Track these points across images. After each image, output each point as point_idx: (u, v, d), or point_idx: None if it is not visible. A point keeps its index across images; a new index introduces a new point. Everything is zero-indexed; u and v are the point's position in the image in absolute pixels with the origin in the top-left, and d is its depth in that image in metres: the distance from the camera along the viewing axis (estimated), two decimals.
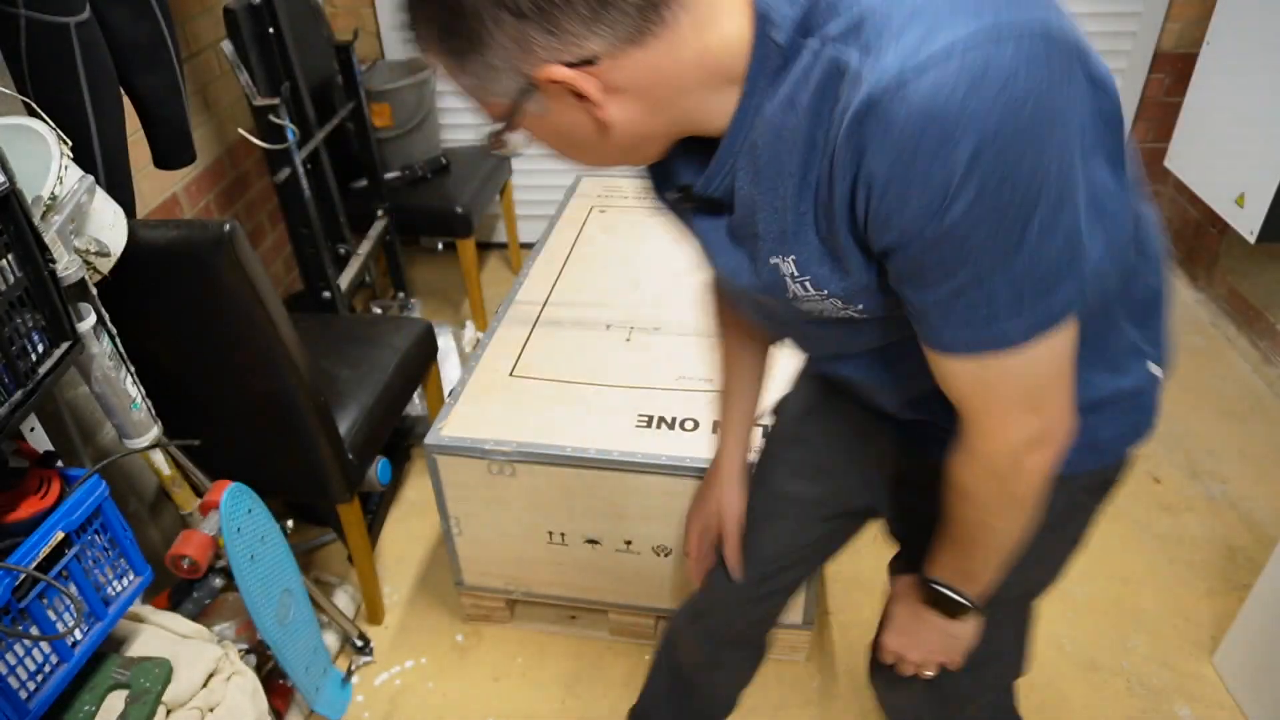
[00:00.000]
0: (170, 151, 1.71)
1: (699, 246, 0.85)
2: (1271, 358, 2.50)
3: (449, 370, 2.55)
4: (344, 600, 1.87)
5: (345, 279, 2.33)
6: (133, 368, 1.32)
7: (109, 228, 1.26)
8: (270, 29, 2.01)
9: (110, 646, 1.27)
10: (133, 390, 1.31)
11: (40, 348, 1.12)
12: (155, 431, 1.37)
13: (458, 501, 1.66)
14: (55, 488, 1.17)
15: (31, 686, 1.08)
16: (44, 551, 1.07)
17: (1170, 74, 2.80)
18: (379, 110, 2.60)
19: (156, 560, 1.47)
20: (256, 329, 1.43)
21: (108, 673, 1.20)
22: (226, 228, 1.31)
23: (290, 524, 1.52)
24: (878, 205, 0.62)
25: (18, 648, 1.06)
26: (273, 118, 2.00)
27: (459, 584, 1.81)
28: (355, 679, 1.77)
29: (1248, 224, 2.22)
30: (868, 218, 0.64)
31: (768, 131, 0.68)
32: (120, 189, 1.52)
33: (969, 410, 0.75)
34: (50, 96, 1.38)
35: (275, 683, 1.61)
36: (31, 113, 1.28)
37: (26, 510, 1.12)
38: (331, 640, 1.76)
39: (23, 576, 1.04)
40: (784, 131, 0.66)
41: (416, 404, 2.34)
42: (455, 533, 1.71)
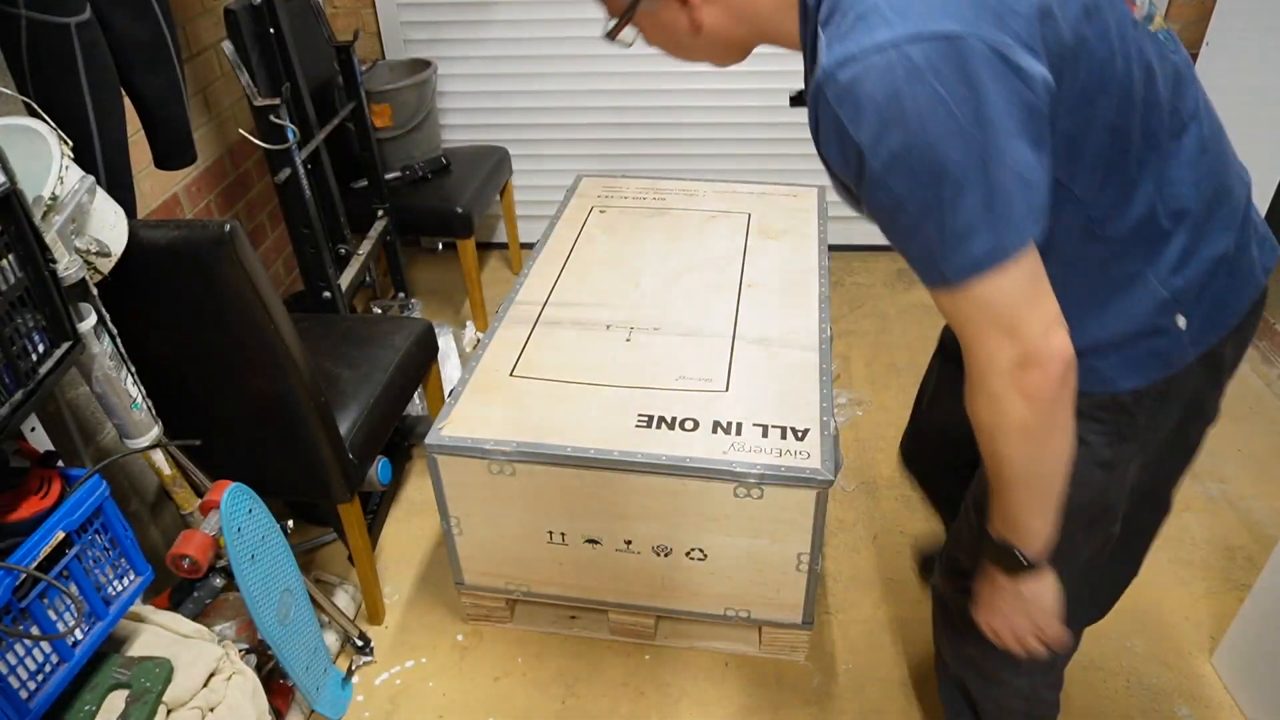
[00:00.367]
0: (171, 152, 1.71)
1: None
2: (1271, 358, 2.50)
3: (449, 370, 2.55)
4: (344, 600, 1.87)
5: (345, 279, 2.33)
6: (133, 368, 1.32)
7: (110, 228, 1.26)
8: (271, 29, 2.01)
9: (111, 646, 1.27)
10: (133, 390, 1.31)
11: (41, 348, 1.13)
12: (156, 431, 1.37)
13: (458, 501, 1.66)
14: (56, 488, 1.17)
15: (32, 686, 1.08)
16: (44, 551, 1.08)
17: None
18: (379, 110, 2.60)
19: (157, 560, 1.48)
20: (257, 329, 1.44)
21: (108, 672, 1.20)
22: (227, 228, 1.32)
23: (290, 524, 1.52)
24: (824, 152, 0.84)
25: (18, 647, 1.06)
26: (273, 118, 2.00)
27: (459, 584, 1.81)
28: (355, 679, 1.78)
29: None
30: (829, 161, 0.85)
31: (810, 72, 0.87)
32: (121, 189, 1.53)
33: (962, 341, 0.85)
34: (51, 96, 1.38)
35: (275, 682, 1.62)
36: (32, 113, 1.28)
37: (27, 510, 1.13)
38: (332, 640, 1.76)
39: (23, 576, 1.05)
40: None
41: (417, 404, 2.34)
42: (455, 533, 1.71)
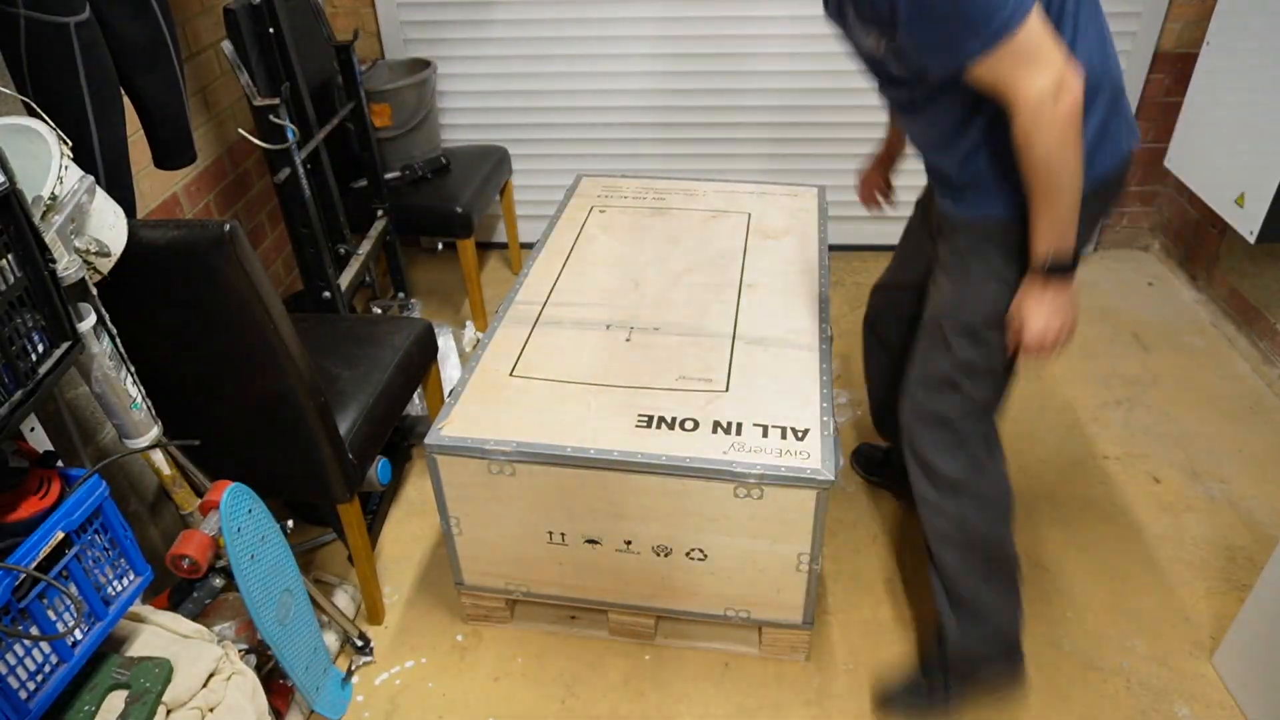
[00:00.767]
0: (170, 151, 1.71)
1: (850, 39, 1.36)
2: (1271, 358, 2.50)
3: (449, 370, 2.55)
4: (344, 600, 1.87)
5: (345, 279, 2.33)
6: (133, 368, 1.32)
7: (109, 228, 1.26)
8: (270, 29, 2.01)
9: (110, 646, 1.27)
10: (133, 390, 1.31)
11: (40, 348, 1.13)
12: (155, 431, 1.37)
13: (458, 501, 1.66)
14: (55, 488, 1.17)
15: (31, 686, 1.08)
16: (44, 551, 1.08)
17: (1170, 74, 2.80)
18: (379, 110, 2.60)
19: (157, 560, 1.48)
20: (257, 329, 1.43)
21: (108, 673, 1.20)
22: (227, 228, 1.32)
23: (290, 524, 1.52)
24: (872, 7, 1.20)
25: (18, 648, 1.06)
26: (273, 118, 2.00)
27: (459, 584, 1.81)
28: (355, 679, 1.78)
29: (1248, 224, 2.22)
30: (877, 10, 1.19)
31: None
32: (120, 189, 1.53)
33: (1007, 95, 1.16)
34: (50, 96, 1.38)
35: (275, 683, 1.62)
36: (31, 113, 1.28)
37: (27, 510, 1.13)
38: (331, 640, 1.76)
39: (23, 576, 1.05)
40: None
41: (416, 404, 2.34)
42: (455, 533, 1.71)
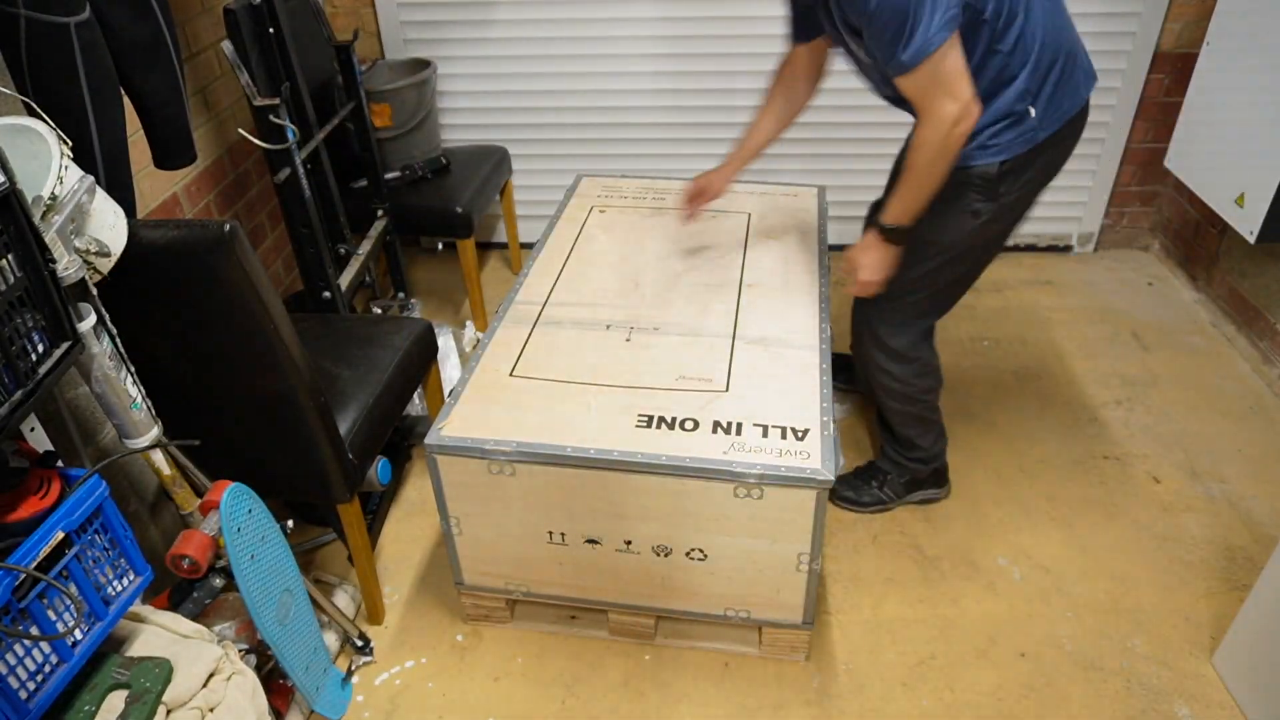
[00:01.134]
0: (170, 151, 1.71)
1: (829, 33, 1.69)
2: (1271, 358, 2.50)
3: (449, 370, 2.55)
4: (344, 600, 1.87)
5: (345, 279, 2.33)
6: (133, 368, 1.32)
7: (109, 228, 1.26)
8: (270, 29, 2.01)
9: (110, 646, 1.27)
10: (133, 390, 1.31)
11: (40, 348, 1.13)
12: (155, 431, 1.37)
13: (458, 501, 1.66)
14: (55, 488, 1.17)
15: (31, 686, 1.08)
16: (44, 551, 1.08)
17: (1170, 74, 2.80)
18: (379, 110, 2.60)
19: (157, 560, 1.47)
20: (257, 329, 1.44)
21: (108, 672, 1.20)
22: (227, 228, 1.32)
23: (290, 524, 1.52)
24: (849, 15, 1.49)
25: (18, 648, 1.06)
26: (273, 118, 2.00)
27: (459, 584, 1.81)
28: (355, 679, 1.78)
29: (1247, 224, 2.22)
30: (849, 23, 1.51)
31: None
32: (121, 189, 1.53)
33: (920, 106, 1.49)
34: (50, 96, 1.38)
35: (275, 683, 1.62)
36: (32, 113, 1.28)
37: (27, 510, 1.13)
38: (331, 640, 1.76)
39: (23, 576, 1.05)
40: None
41: (416, 404, 2.34)
42: (455, 533, 1.71)
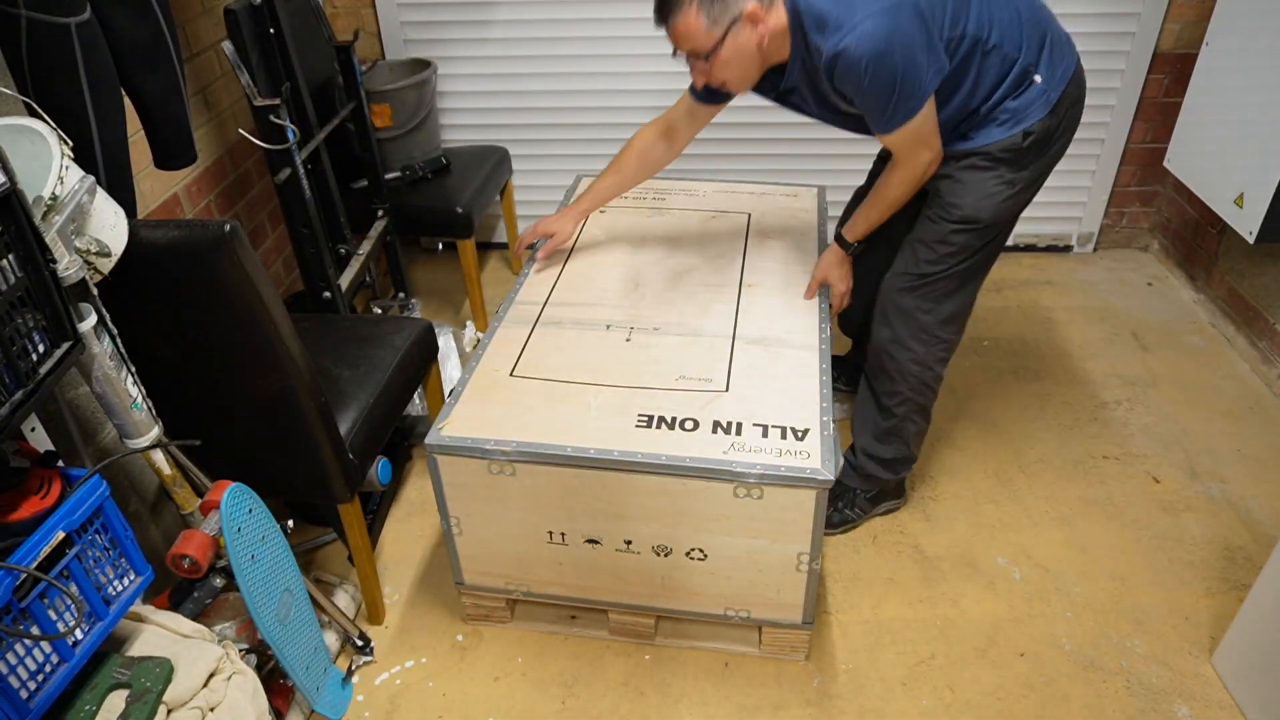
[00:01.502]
0: (171, 152, 1.71)
1: (783, 104, 1.80)
2: (1271, 357, 2.50)
3: (449, 370, 2.55)
4: (344, 600, 1.87)
5: (345, 279, 2.33)
6: (133, 368, 1.32)
7: (110, 228, 1.26)
8: (271, 29, 2.01)
9: (111, 646, 1.27)
10: (133, 390, 1.31)
11: (41, 348, 1.13)
12: (156, 431, 1.37)
13: (458, 501, 1.66)
14: (56, 488, 1.17)
15: (32, 686, 1.08)
16: (45, 551, 1.08)
17: (1170, 74, 2.80)
18: (379, 110, 2.60)
19: (157, 560, 1.48)
20: (257, 329, 1.44)
21: (108, 672, 1.20)
22: (227, 228, 1.32)
23: (290, 524, 1.52)
24: (842, 89, 1.58)
25: (18, 647, 1.06)
26: (273, 118, 2.01)
27: (459, 584, 1.81)
28: (355, 679, 1.78)
29: (1247, 224, 2.22)
30: (842, 93, 1.60)
31: (800, 66, 1.63)
32: (121, 189, 1.53)
33: (900, 156, 1.68)
34: (51, 97, 1.38)
35: (275, 682, 1.62)
36: (32, 113, 1.28)
37: (27, 510, 1.13)
38: (332, 640, 1.77)
39: (24, 576, 1.05)
40: (805, 68, 1.63)
41: (417, 404, 2.34)
42: (455, 533, 1.71)
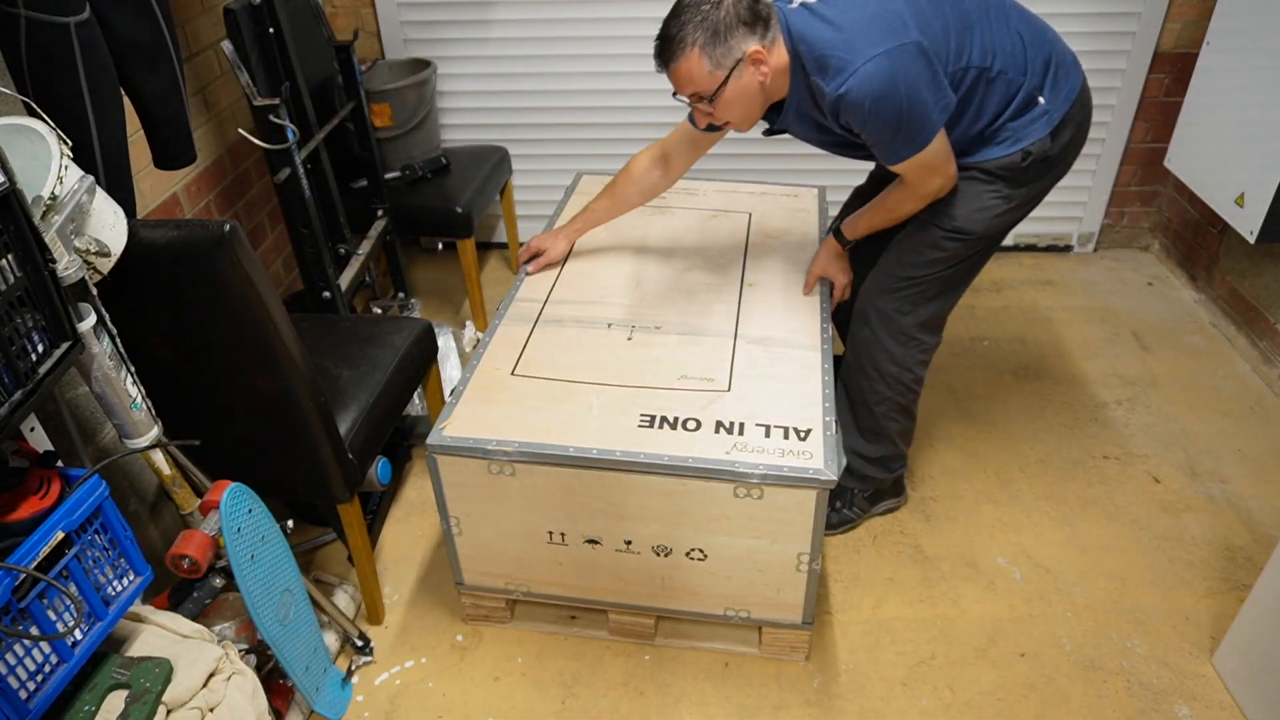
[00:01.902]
0: (170, 151, 1.71)
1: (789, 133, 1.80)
2: (1271, 357, 2.50)
3: (449, 370, 2.55)
4: (344, 600, 1.87)
5: (345, 279, 2.33)
6: (133, 367, 1.32)
7: (109, 228, 1.26)
8: (270, 29, 2.01)
9: (110, 646, 1.27)
10: (133, 390, 1.31)
11: (40, 347, 1.13)
12: (155, 431, 1.37)
13: (458, 501, 1.66)
14: (55, 488, 1.17)
15: (31, 686, 1.08)
16: (44, 551, 1.08)
17: (1170, 74, 2.80)
18: (379, 110, 2.60)
19: (157, 560, 1.48)
20: (257, 329, 1.44)
21: (108, 672, 1.20)
22: (227, 228, 1.32)
23: (290, 524, 1.52)
24: (849, 125, 1.59)
25: (18, 648, 1.06)
26: (273, 118, 2.00)
27: (459, 584, 1.81)
28: (355, 679, 1.78)
29: (1247, 224, 2.22)
30: (849, 129, 1.61)
31: (798, 104, 1.66)
32: (120, 189, 1.52)
33: (910, 182, 1.68)
34: (50, 96, 1.38)
35: (275, 683, 1.62)
36: (31, 113, 1.28)
37: (27, 510, 1.13)
38: (331, 640, 1.76)
39: (23, 576, 1.05)
40: (804, 106, 1.66)
41: (416, 404, 2.34)
42: (455, 533, 1.71)
